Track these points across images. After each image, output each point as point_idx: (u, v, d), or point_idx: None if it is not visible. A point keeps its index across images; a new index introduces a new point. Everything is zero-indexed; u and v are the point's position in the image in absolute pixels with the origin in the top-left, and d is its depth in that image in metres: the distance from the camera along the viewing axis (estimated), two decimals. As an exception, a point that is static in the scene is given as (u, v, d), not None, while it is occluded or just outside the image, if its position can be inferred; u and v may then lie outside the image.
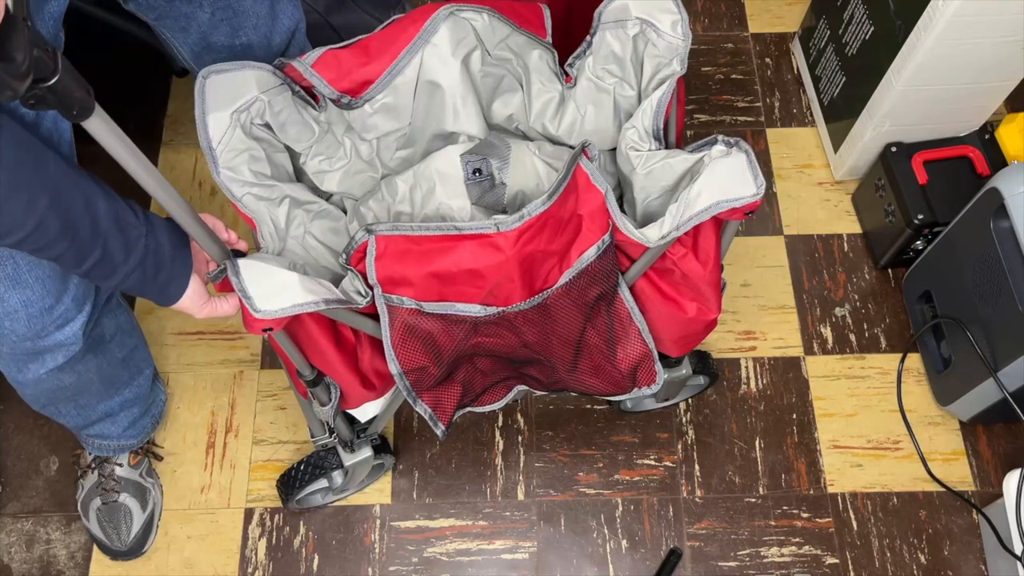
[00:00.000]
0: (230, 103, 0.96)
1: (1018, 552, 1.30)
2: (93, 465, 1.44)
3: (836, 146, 1.75)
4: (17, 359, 1.11)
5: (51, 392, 1.21)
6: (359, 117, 1.08)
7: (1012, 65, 1.45)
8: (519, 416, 1.56)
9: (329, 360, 1.04)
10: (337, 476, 1.41)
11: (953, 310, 1.46)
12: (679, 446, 1.54)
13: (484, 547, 1.46)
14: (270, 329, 0.88)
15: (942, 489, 1.49)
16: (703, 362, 1.45)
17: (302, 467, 1.37)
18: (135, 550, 1.44)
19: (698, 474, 1.52)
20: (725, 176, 0.94)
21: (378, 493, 1.50)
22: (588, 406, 1.57)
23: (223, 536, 1.47)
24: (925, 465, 1.50)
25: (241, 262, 0.88)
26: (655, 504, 1.49)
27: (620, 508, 1.49)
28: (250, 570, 1.45)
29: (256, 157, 0.99)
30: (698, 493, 1.50)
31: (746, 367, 1.60)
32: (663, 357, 1.21)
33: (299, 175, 1.12)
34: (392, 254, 0.91)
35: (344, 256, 0.93)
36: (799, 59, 1.89)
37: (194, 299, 0.95)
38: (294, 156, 1.09)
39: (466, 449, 1.53)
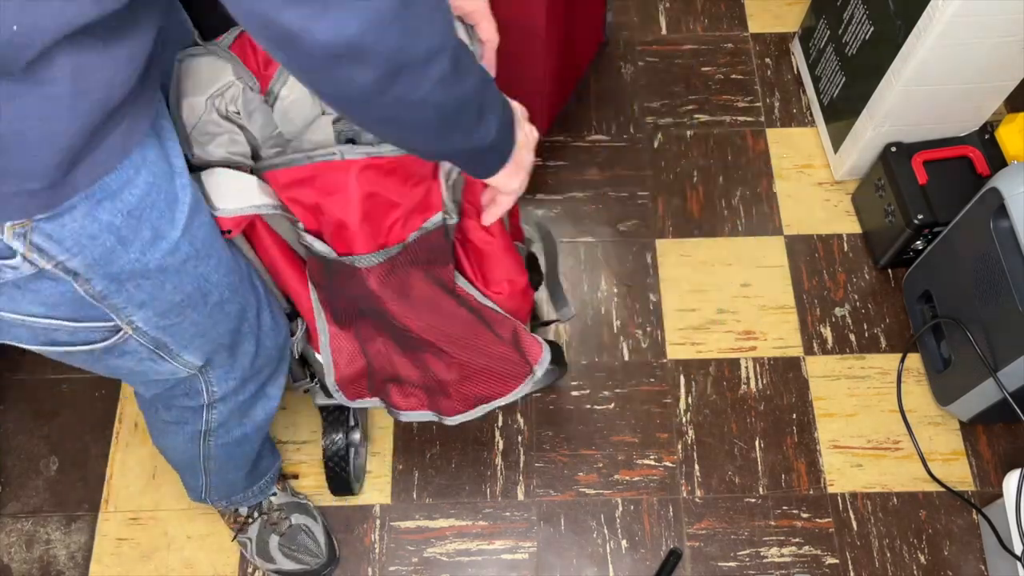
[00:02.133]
0: (206, 88, 0.95)
1: (1018, 552, 1.29)
2: (252, 515, 1.41)
3: (836, 146, 1.75)
4: (251, 401, 1.14)
5: (261, 439, 1.26)
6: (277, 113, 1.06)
7: (1012, 65, 1.45)
8: (519, 416, 1.56)
9: (285, 279, 1.06)
10: (355, 435, 1.43)
11: (953, 310, 1.46)
12: (679, 446, 1.54)
13: (484, 547, 1.46)
14: (229, 231, 0.92)
15: (942, 489, 1.49)
16: (555, 351, 1.42)
17: (332, 466, 1.40)
18: (332, 559, 1.42)
19: (698, 474, 1.52)
20: None
21: (378, 493, 1.50)
22: (588, 406, 1.57)
23: (223, 536, 1.47)
24: (925, 465, 1.50)
25: (204, 172, 0.91)
26: (655, 504, 1.49)
27: (620, 508, 1.49)
28: (250, 570, 1.45)
29: (235, 140, 0.98)
30: (698, 493, 1.50)
31: (746, 367, 1.60)
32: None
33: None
34: (284, 185, 0.93)
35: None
36: (799, 59, 1.89)
37: None
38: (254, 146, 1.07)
39: (466, 449, 1.53)
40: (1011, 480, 1.32)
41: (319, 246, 0.96)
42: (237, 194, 0.91)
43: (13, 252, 0.72)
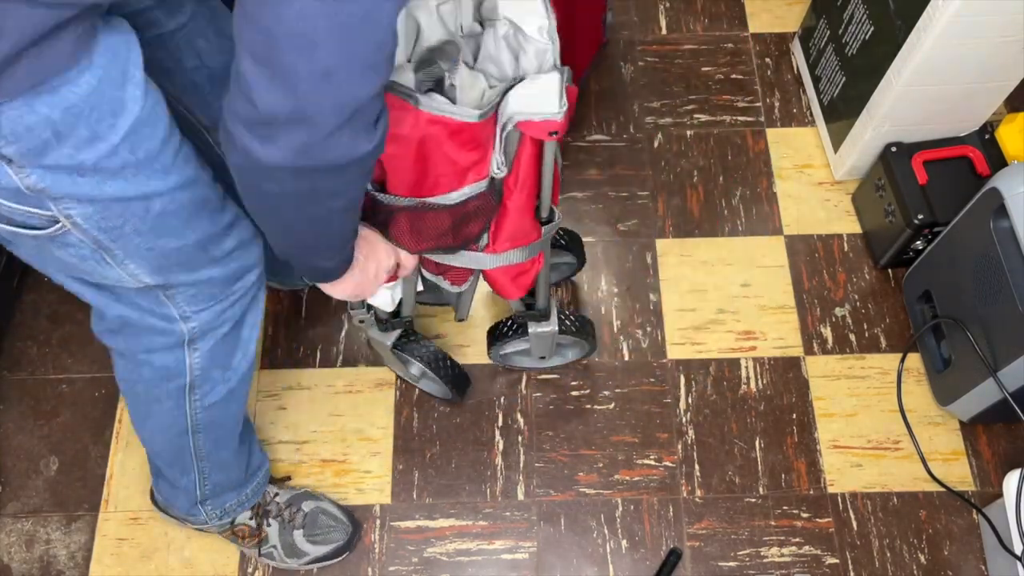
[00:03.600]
0: None
1: (1018, 552, 1.30)
2: (265, 521, 1.41)
3: (836, 146, 1.75)
4: (230, 346, 1.16)
5: (240, 413, 1.28)
6: None
7: (1012, 65, 1.45)
8: (519, 416, 1.56)
9: None
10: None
11: (953, 310, 1.46)
12: (679, 446, 1.54)
13: (484, 547, 1.46)
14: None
15: (942, 489, 1.49)
16: (581, 326, 1.49)
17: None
18: (357, 523, 1.45)
19: (698, 474, 1.52)
20: (535, 92, 0.96)
21: (378, 493, 1.50)
22: (588, 406, 1.57)
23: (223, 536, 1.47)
24: (925, 465, 1.50)
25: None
26: (655, 504, 1.49)
27: (620, 508, 1.49)
28: (250, 570, 1.45)
29: None
30: (698, 493, 1.50)
31: (746, 367, 1.60)
32: (529, 309, 1.39)
33: None
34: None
35: None
36: (799, 59, 1.89)
37: None
38: None
39: (466, 449, 1.53)
40: (1011, 480, 1.32)
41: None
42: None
43: None
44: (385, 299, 1.26)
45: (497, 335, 1.48)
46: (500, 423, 1.56)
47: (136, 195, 0.88)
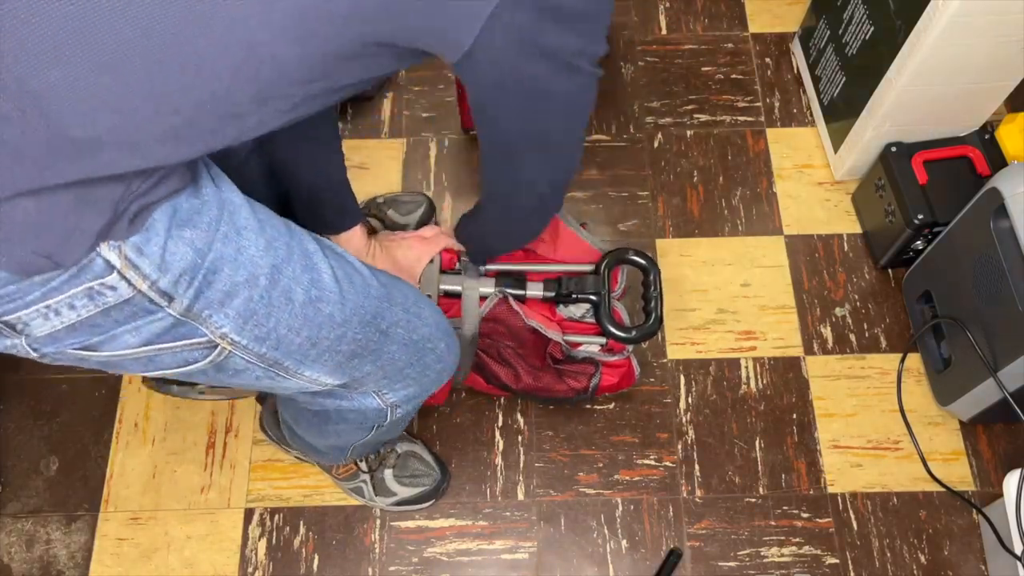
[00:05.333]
0: None
1: (1018, 552, 1.29)
2: (365, 466, 1.45)
3: (836, 146, 1.75)
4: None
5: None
6: None
7: (1012, 65, 1.45)
8: (519, 416, 1.56)
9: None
10: None
11: (953, 310, 1.45)
12: (679, 446, 1.54)
13: (484, 547, 1.46)
14: None
15: (942, 489, 1.49)
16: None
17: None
18: (445, 472, 1.48)
19: (698, 474, 1.52)
20: None
21: (378, 493, 1.50)
22: (588, 406, 1.57)
23: (223, 536, 1.47)
24: (925, 465, 1.50)
25: None
26: (655, 504, 1.49)
27: (620, 508, 1.49)
28: (250, 570, 1.45)
29: None
30: (698, 493, 1.50)
31: (746, 367, 1.60)
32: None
33: None
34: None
35: None
36: (799, 59, 1.89)
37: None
38: None
39: (466, 449, 1.53)
40: (1011, 480, 1.32)
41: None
42: None
43: (112, 267, 0.74)
44: None
45: None
46: (500, 423, 1.56)
47: (279, 291, 0.87)
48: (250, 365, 0.89)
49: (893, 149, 1.59)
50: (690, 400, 1.58)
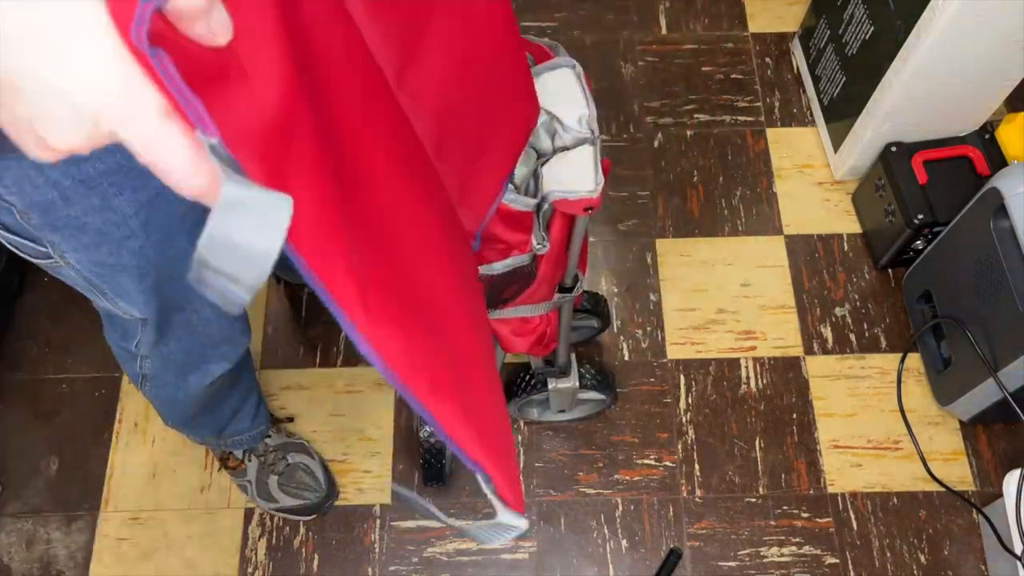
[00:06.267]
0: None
1: (1018, 552, 1.30)
2: (247, 458, 1.45)
3: (836, 146, 1.75)
4: (185, 369, 1.14)
5: (199, 403, 1.25)
6: None
7: (1012, 65, 1.45)
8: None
9: None
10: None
11: (953, 310, 1.46)
12: (679, 446, 1.54)
13: (484, 547, 1.46)
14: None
15: (942, 489, 1.49)
16: (603, 378, 1.47)
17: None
18: (332, 492, 1.47)
19: (698, 474, 1.52)
20: (568, 169, 0.95)
21: (378, 493, 1.50)
22: (588, 406, 1.57)
23: (223, 536, 1.47)
24: (925, 465, 1.50)
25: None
26: (655, 504, 1.49)
27: (620, 508, 1.49)
28: (250, 570, 1.45)
29: None
30: (698, 493, 1.50)
31: (746, 367, 1.60)
32: (548, 365, 1.36)
33: None
34: None
35: None
36: (799, 59, 1.89)
37: None
38: None
39: (466, 449, 1.53)
40: (1011, 480, 1.32)
41: None
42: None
43: None
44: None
45: (514, 390, 1.45)
46: (500, 423, 1.55)
47: (131, 262, 0.88)
48: (77, 279, 0.90)
49: (893, 149, 1.59)
50: (690, 400, 1.58)
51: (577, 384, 1.40)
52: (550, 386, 1.40)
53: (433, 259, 0.68)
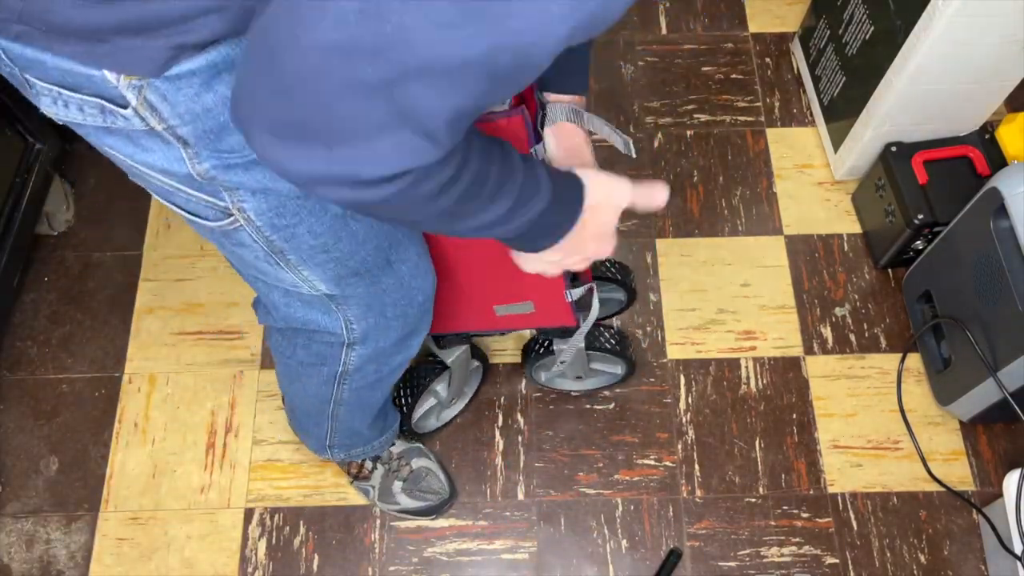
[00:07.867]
0: None
1: (1018, 552, 1.30)
2: (374, 466, 1.45)
3: (836, 146, 1.75)
4: (400, 341, 1.12)
5: (379, 406, 1.28)
6: None
7: (1012, 65, 1.45)
8: (519, 416, 1.56)
9: None
10: (441, 388, 1.46)
11: (953, 310, 1.45)
12: (679, 446, 1.54)
13: (484, 547, 1.46)
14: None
15: (942, 489, 1.49)
16: (619, 344, 1.47)
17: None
18: (454, 490, 1.48)
19: (698, 474, 1.51)
20: None
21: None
22: (588, 406, 1.57)
23: (223, 536, 1.47)
24: (925, 465, 1.50)
25: None
26: (655, 504, 1.49)
27: (620, 508, 1.49)
28: (250, 570, 1.45)
29: None
30: (698, 493, 1.50)
31: (746, 367, 1.60)
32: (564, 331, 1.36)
33: None
34: None
35: None
36: (799, 59, 1.89)
37: None
38: None
39: (466, 449, 1.53)
40: (1011, 480, 1.32)
41: None
42: None
43: (126, 103, 0.69)
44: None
45: (529, 353, 1.48)
46: (500, 423, 1.56)
47: None
48: (255, 244, 0.87)
49: (893, 149, 1.59)
50: (690, 400, 1.58)
51: (582, 344, 1.40)
52: (555, 347, 1.42)
53: None
